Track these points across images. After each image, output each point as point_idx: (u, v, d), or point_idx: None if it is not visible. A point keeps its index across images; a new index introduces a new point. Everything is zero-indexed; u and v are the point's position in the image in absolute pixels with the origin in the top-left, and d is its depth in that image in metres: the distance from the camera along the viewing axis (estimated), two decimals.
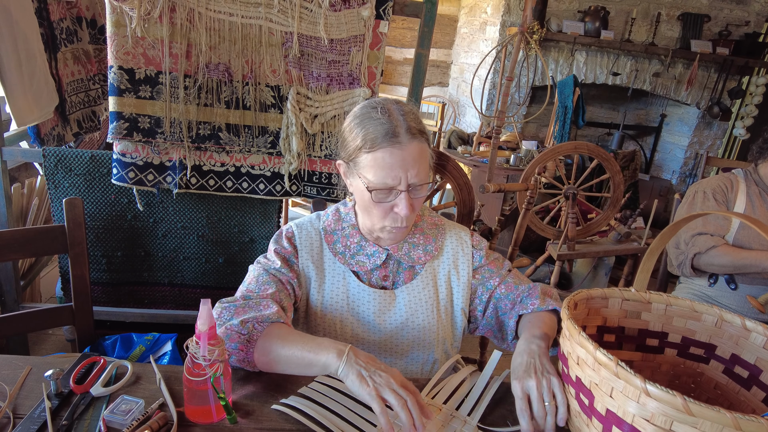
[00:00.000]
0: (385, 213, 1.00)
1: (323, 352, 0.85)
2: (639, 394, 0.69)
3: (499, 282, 1.13)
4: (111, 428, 0.80)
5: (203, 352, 0.78)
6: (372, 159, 0.96)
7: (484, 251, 1.17)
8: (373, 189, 0.97)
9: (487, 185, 1.81)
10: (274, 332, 0.91)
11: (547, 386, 0.84)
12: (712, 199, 1.85)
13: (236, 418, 0.85)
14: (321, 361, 0.85)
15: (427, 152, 1.01)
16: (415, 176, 0.97)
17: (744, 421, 0.62)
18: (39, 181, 1.96)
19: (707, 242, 1.78)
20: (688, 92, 4.56)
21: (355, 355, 0.83)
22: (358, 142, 0.98)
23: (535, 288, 1.12)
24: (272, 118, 1.54)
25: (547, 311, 1.07)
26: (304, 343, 0.88)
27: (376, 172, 0.96)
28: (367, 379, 0.79)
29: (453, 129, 3.81)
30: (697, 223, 1.84)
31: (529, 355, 0.91)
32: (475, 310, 1.15)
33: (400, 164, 0.95)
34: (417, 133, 0.98)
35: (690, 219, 0.88)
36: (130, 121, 1.47)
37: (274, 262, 1.07)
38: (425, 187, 1.01)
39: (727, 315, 0.94)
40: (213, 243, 1.70)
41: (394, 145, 0.95)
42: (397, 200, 0.98)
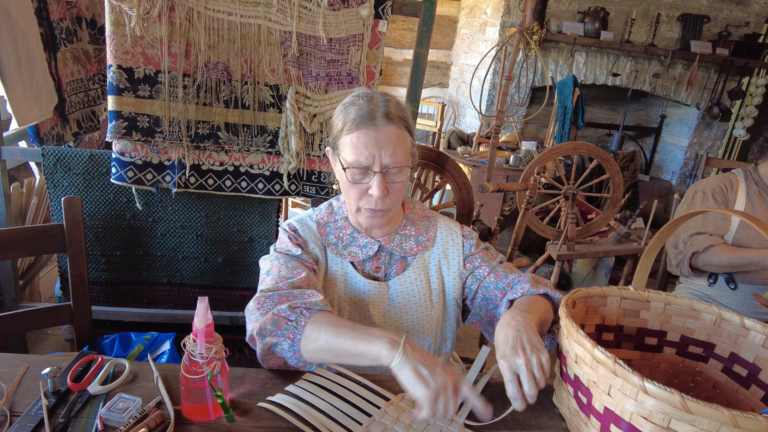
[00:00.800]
0: (360, 194, 1.01)
1: (376, 342, 0.80)
2: (637, 391, 0.68)
3: (489, 271, 1.12)
4: (108, 426, 0.80)
5: (200, 349, 0.78)
6: (349, 140, 0.99)
7: (474, 241, 1.17)
8: (347, 167, 1.00)
9: (486, 185, 1.81)
10: (322, 319, 0.88)
11: (537, 363, 0.80)
12: (712, 199, 1.85)
13: (233, 416, 0.84)
14: (373, 351, 0.80)
15: (406, 139, 1.02)
16: (389, 157, 0.98)
17: (742, 418, 0.62)
18: (38, 181, 1.95)
19: (705, 241, 1.78)
20: (688, 93, 4.56)
21: (411, 348, 0.79)
22: (340, 125, 1.02)
23: (525, 275, 1.10)
24: (271, 117, 1.54)
25: (538, 294, 1.05)
26: (355, 332, 0.83)
27: (352, 152, 0.99)
28: (427, 379, 0.75)
29: (453, 129, 3.81)
30: (696, 222, 1.83)
31: (515, 328, 0.85)
32: (465, 299, 1.16)
33: (374, 144, 0.97)
34: (395, 118, 1.00)
35: (688, 217, 0.88)
36: (129, 120, 1.47)
37: (295, 250, 1.05)
38: (403, 174, 1.01)
39: (725, 314, 0.94)
40: (212, 242, 1.70)
41: (369, 126, 0.98)
42: (372, 182, 0.99)
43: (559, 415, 0.93)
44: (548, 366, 0.81)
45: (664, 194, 4.58)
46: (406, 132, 1.02)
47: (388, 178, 1.00)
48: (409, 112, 1.06)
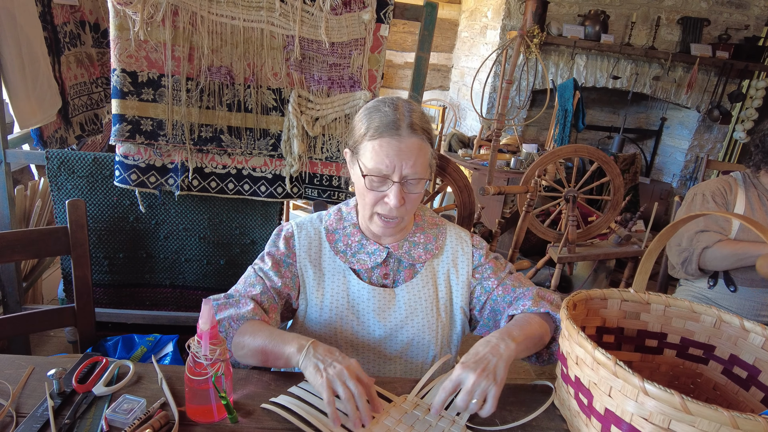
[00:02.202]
0: (376, 200, 1.02)
1: (286, 348, 0.89)
2: (637, 393, 0.69)
3: (498, 284, 1.13)
4: (113, 427, 0.81)
5: (205, 351, 0.79)
6: (371, 147, 1.00)
7: (484, 251, 1.17)
8: (367, 175, 1.00)
9: (487, 187, 1.82)
10: (247, 328, 0.96)
11: (482, 387, 0.82)
12: (712, 201, 1.85)
13: (237, 418, 0.85)
14: (285, 354, 0.89)
15: (427, 151, 1.02)
16: (410, 168, 0.98)
17: (741, 419, 0.63)
18: (42, 183, 1.97)
19: (713, 237, 1.78)
20: (688, 96, 4.57)
21: (314, 349, 0.88)
22: (363, 130, 1.02)
23: (530, 290, 1.10)
24: (273, 120, 1.55)
25: (538, 313, 1.05)
26: (271, 338, 0.92)
27: (373, 159, 0.99)
28: (322, 371, 0.83)
29: (453, 132, 3.82)
30: (699, 223, 1.84)
31: (492, 351, 0.87)
32: (473, 309, 1.16)
33: (396, 154, 0.98)
34: (419, 130, 1.00)
35: (688, 219, 0.89)
36: (133, 123, 1.48)
37: (266, 264, 1.10)
38: (420, 185, 1.02)
39: (725, 316, 0.95)
40: (214, 245, 1.71)
41: (393, 136, 0.98)
42: (389, 191, 1.00)
43: (560, 416, 0.94)
44: (492, 402, 0.83)
45: (665, 197, 4.59)
46: (428, 144, 1.02)
47: (406, 188, 1.00)
48: None
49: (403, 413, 0.90)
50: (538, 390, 1.01)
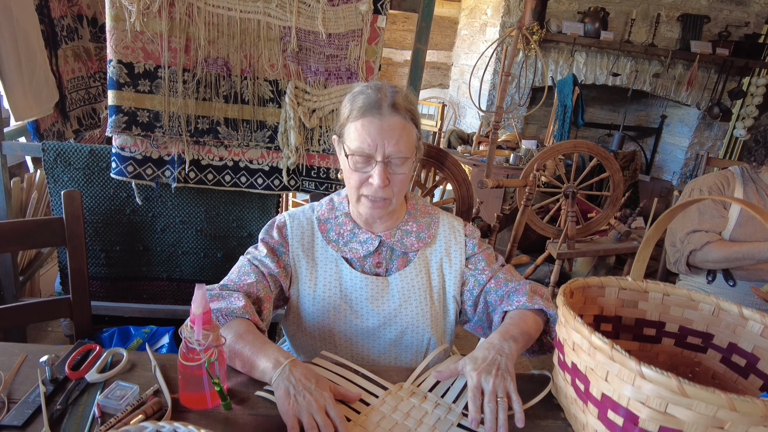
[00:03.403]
0: (361, 181, 1.02)
1: (263, 360, 0.87)
2: (634, 377, 0.68)
3: (491, 276, 1.13)
4: (105, 413, 0.80)
5: (197, 336, 0.78)
6: (354, 127, 1.00)
7: (477, 240, 1.17)
8: (350, 155, 1.00)
9: (486, 180, 1.81)
10: (233, 327, 0.93)
11: (503, 386, 0.84)
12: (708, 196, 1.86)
13: (231, 405, 0.84)
14: (260, 368, 0.87)
15: (411, 131, 1.02)
16: (393, 147, 0.98)
17: (739, 401, 0.62)
18: (38, 176, 1.96)
19: (702, 239, 1.79)
20: (688, 93, 4.56)
21: (290, 370, 0.84)
22: (347, 113, 1.03)
23: (524, 285, 1.10)
24: (270, 112, 1.54)
25: (533, 310, 1.06)
26: (252, 346, 0.90)
27: (356, 139, 0.99)
28: (291, 398, 0.80)
29: (453, 129, 3.82)
30: (693, 220, 1.84)
31: (498, 352, 0.90)
32: (464, 303, 1.15)
33: (378, 133, 0.98)
34: (402, 110, 1.00)
35: (687, 205, 0.88)
36: (129, 114, 1.48)
37: (260, 252, 1.09)
38: (405, 165, 1.01)
39: (724, 304, 0.94)
40: (211, 238, 1.70)
41: (375, 115, 0.99)
42: (373, 171, 0.99)
43: (557, 405, 0.93)
44: (515, 396, 0.84)
45: (665, 194, 4.58)
46: (412, 124, 1.02)
47: (390, 169, 1.00)
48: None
49: (399, 401, 0.89)
50: (535, 380, 1.00)
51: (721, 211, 1.84)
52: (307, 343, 1.11)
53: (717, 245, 1.77)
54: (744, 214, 1.84)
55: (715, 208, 1.83)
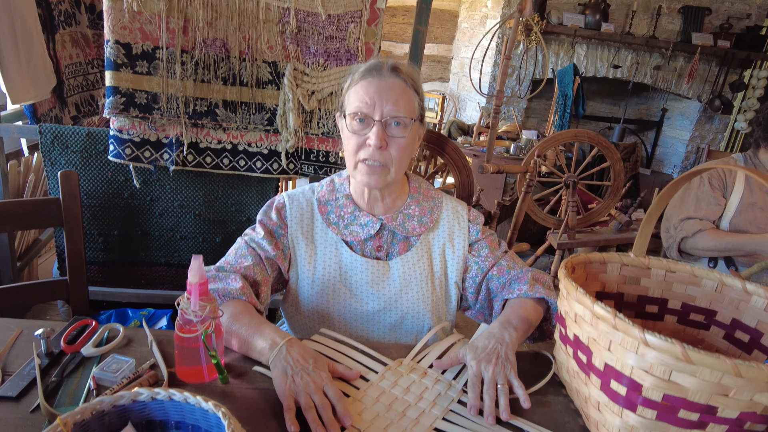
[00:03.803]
0: (359, 145, 1.00)
1: (260, 340, 0.86)
2: (638, 345, 0.67)
3: (493, 263, 1.11)
4: (101, 386, 0.79)
5: (194, 306, 0.77)
6: (354, 90, 1.00)
7: (480, 226, 1.15)
8: (348, 115, 1.00)
9: (486, 165, 1.80)
10: (229, 309, 0.92)
11: (503, 374, 0.84)
12: (707, 183, 1.86)
13: (228, 378, 0.83)
14: (257, 348, 0.86)
15: (412, 96, 1.01)
16: (391, 105, 0.97)
17: (744, 367, 0.61)
18: (35, 159, 1.95)
19: (695, 226, 1.81)
20: (689, 85, 4.55)
21: (287, 350, 0.83)
22: (348, 82, 1.03)
23: (526, 273, 1.09)
24: (269, 94, 1.53)
25: (534, 299, 1.05)
26: (249, 326, 0.89)
27: (355, 100, 0.99)
28: (288, 378, 0.78)
29: (453, 120, 3.80)
30: (689, 207, 1.86)
31: (498, 341, 0.90)
32: (466, 290, 1.13)
33: (376, 91, 0.97)
34: (402, 73, 1.00)
35: (690, 176, 0.87)
36: (127, 96, 1.46)
37: (258, 234, 1.07)
38: (405, 130, 0.99)
39: (727, 279, 0.93)
40: (210, 222, 1.69)
41: (374, 76, 0.99)
42: (371, 132, 0.98)
43: (559, 383, 0.92)
44: (517, 383, 0.83)
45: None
46: (413, 91, 1.01)
47: (389, 131, 0.99)
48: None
49: (399, 376, 0.88)
50: (538, 358, 0.99)
51: (718, 199, 1.84)
52: (306, 325, 1.10)
53: (709, 233, 1.79)
54: (744, 201, 1.84)
55: (712, 196, 1.84)
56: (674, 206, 1.93)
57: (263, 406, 0.79)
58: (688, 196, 1.90)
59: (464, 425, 0.78)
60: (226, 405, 0.60)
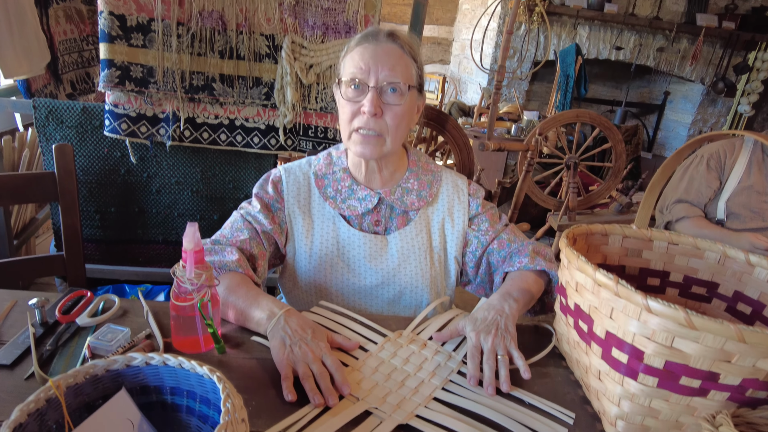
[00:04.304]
0: (353, 113, 0.97)
1: (258, 311, 0.85)
2: (640, 311, 0.66)
3: (494, 237, 1.09)
4: (96, 355, 0.78)
5: (189, 274, 0.76)
6: (350, 57, 0.97)
7: (481, 200, 1.13)
8: (343, 82, 0.97)
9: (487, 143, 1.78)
10: (226, 281, 0.91)
11: (502, 344, 0.83)
12: (705, 164, 1.90)
13: (224, 348, 0.82)
14: (255, 319, 0.86)
15: (408, 62, 0.98)
16: (387, 71, 0.94)
17: (748, 332, 0.60)
18: (30, 134, 1.92)
19: (680, 212, 1.88)
20: (693, 68, 4.50)
21: (285, 321, 0.82)
22: (345, 50, 1.00)
23: (526, 246, 1.07)
24: (267, 68, 1.50)
25: (534, 271, 1.03)
26: (246, 298, 0.88)
27: (350, 67, 0.96)
28: (286, 348, 0.78)
29: (453, 101, 3.76)
30: (681, 187, 1.90)
31: (498, 313, 0.89)
32: (466, 265, 1.12)
33: (371, 56, 0.94)
34: (399, 39, 0.97)
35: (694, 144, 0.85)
36: (122, 69, 1.44)
37: (254, 208, 1.05)
38: (400, 97, 0.96)
39: (730, 251, 0.92)
40: (208, 199, 1.67)
41: (370, 42, 0.96)
42: (365, 99, 0.95)
43: (559, 355, 0.91)
44: (517, 354, 0.82)
45: None
46: (410, 58, 0.98)
47: (384, 98, 0.96)
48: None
49: (399, 347, 0.88)
50: (539, 331, 0.98)
51: (711, 182, 1.87)
52: (304, 300, 1.09)
53: (692, 221, 1.86)
54: (741, 184, 1.84)
55: (705, 178, 1.87)
56: (672, 185, 1.97)
57: (261, 376, 0.78)
58: (684, 175, 1.93)
59: (464, 395, 0.77)
60: (224, 374, 0.59)
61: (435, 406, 0.74)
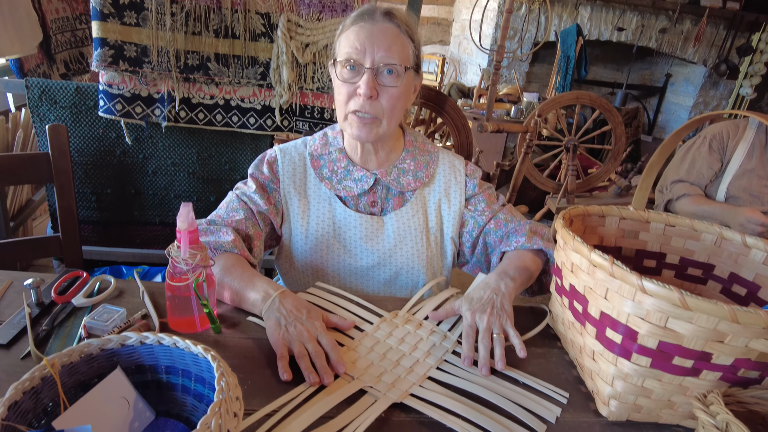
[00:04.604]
0: (349, 95, 0.96)
1: (253, 292, 0.85)
2: (635, 292, 0.66)
3: (490, 217, 1.09)
4: (92, 335, 0.79)
5: (184, 254, 0.75)
6: (345, 36, 0.95)
7: (478, 180, 1.12)
8: (338, 62, 0.95)
9: (486, 124, 1.76)
10: (221, 262, 0.91)
11: (498, 323, 0.82)
12: (707, 146, 1.89)
13: (220, 328, 0.83)
14: (250, 300, 0.86)
15: (406, 43, 0.96)
16: (383, 52, 0.92)
17: (741, 312, 0.60)
18: (23, 115, 1.90)
19: (681, 190, 1.88)
20: (695, 49, 4.45)
21: (280, 302, 0.82)
22: (340, 28, 0.98)
23: (523, 226, 1.07)
24: (262, 47, 1.48)
25: (532, 250, 1.03)
26: (241, 279, 0.88)
27: (345, 47, 0.94)
28: (282, 328, 0.78)
29: (453, 82, 3.72)
30: (683, 168, 1.90)
31: (494, 292, 0.88)
32: (463, 245, 1.12)
33: (367, 36, 0.92)
34: (396, 18, 0.95)
35: (694, 124, 0.84)
36: (116, 48, 1.41)
37: (249, 188, 1.04)
38: (397, 79, 0.94)
39: (727, 233, 0.91)
40: (204, 181, 1.66)
41: (366, 20, 0.94)
42: (360, 81, 0.94)
43: (554, 335, 0.92)
44: (513, 332, 0.81)
45: None
46: (407, 37, 0.96)
47: (380, 80, 0.94)
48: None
49: (394, 327, 0.88)
50: (534, 312, 0.98)
51: (712, 164, 1.87)
52: (301, 281, 1.09)
53: (692, 199, 1.86)
54: (742, 167, 1.84)
55: (707, 159, 1.87)
56: (673, 166, 1.96)
57: (257, 355, 0.78)
58: (686, 156, 1.92)
59: (458, 375, 0.78)
60: (219, 354, 0.59)
61: (429, 386, 0.75)
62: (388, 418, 0.69)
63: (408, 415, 0.69)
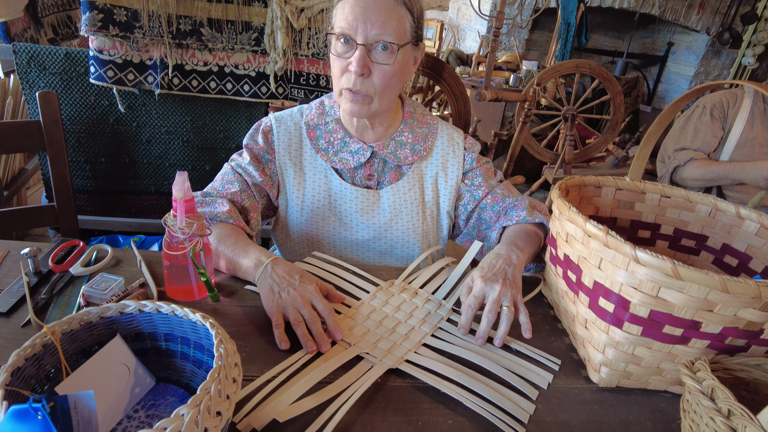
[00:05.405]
0: (342, 70, 0.93)
1: (245, 260, 0.86)
2: (628, 262, 0.67)
3: (487, 192, 1.08)
4: (90, 303, 0.79)
5: (180, 223, 0.75)
6: (340, 6, 0.91)
7: (476, 154, 1.11)
8: (331, 35, 0.93)
9: (484, 92, 1.74)
10: (216, 231, 0.91)
11: (510, 295, 0.80)
12: (709, 114, 1.88)
13: (218, 296, 0.83)
14: (243, 267, 0.86)
15: (403, 17, 0.91)
16: (377, 29, 0.88)
17: (732, 282, 0.61)
18: (13, 82, 1.87)
19: (687, 155, 1.85)
20: (699, 17, 4.36)
21: (272, 269, 0.82)
22: (335, 1, 0.94)
23: (522, 200, 1.07)
24: (256, 12, 1.44)
25: (533, 224, 1.03)
26: (234, 247, 0.88)
27: (340, 19, 0.91)
28: (275, 294, 0.78)
29: (451, 49, 3.66)
30: (686, 137, 1.88)
31: (506, 262, 0.86)
32: (458, 218, 1.12)
33: (361, 11, 0.88)
34: None
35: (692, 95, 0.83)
36: (105, 12, 1.37)
37: (244, 159, 1.03)
38: (390, 56, 0.91)
39: (722, 204, 0.92)
40: (199, 149, 1.65)
41: None
42: (352, 57, 0.91)
43: (547, 304, 0.93)
44: (523, 307, 0.81)
45: None
46: (405, 10, 0.91)
47: (373, 57, 0.91)
48: None
49: (390, 296, 0.89)
50: (527, 282, 1.00)
51: (716, 131, 1.85)
52: (297, 252, 1.10)
53: (699, 163, 1.83)
54: (744, 136, 1.83)
55: (710, 128, 1.86)
56: (672, 136, 1.94)
57: (255, 323, 0.79)
58: (687, 125, 1.90)
59: (453, 342, 0.79)
60: (218, 322, 0.60)
61: (424, 352, 0.76)
62: (384, 383, 0.70)
63: (403, 381, 0.71)
